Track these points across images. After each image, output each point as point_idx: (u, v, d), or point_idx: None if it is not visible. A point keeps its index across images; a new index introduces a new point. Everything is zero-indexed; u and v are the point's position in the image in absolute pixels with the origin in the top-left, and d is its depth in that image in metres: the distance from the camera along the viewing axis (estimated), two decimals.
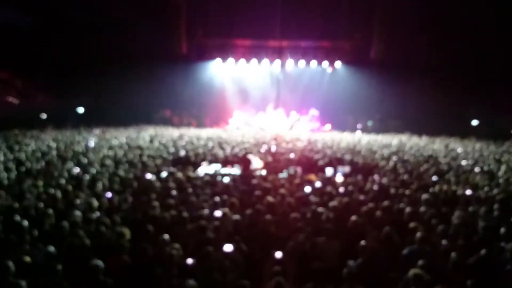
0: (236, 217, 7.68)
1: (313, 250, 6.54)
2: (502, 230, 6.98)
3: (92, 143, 17.30)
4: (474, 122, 27.98)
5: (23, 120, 22.39)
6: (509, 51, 24.79)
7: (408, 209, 8.23)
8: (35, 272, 5.39)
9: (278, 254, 6.38)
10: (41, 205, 7.93)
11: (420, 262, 5.69)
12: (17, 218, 6.87)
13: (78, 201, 8.33)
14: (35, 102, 27.37)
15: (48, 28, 26.81)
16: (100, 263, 5.44)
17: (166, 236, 6.49)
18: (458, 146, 20.25)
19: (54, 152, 14.29)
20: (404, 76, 26.94)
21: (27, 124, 21.79)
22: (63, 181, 9.84)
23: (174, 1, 29.60)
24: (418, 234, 6.57)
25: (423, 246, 6.42)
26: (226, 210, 8.14)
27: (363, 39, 30.07)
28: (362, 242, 6.53)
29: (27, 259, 5.51)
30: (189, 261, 6.03)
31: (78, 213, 7.50)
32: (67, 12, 25.84)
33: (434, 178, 11.91)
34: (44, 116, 26.94)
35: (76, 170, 11.54)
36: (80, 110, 28.87)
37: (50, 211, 7.37)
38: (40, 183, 9.57)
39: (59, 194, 8.68)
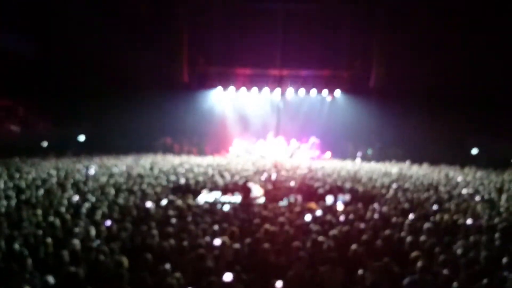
0: (236, 245, 7.62)
1: (315, 279, 6.47)
2: (504, 259, 6.94)
3: (92, 171, 17.29)
4: (474, 151, 28.01)
5: (24, 148, 22.43)
6: (509, 79, 25.01)
7: (408, 238, 8.18)
8: None
9: (278, 284, 6.32)
10: (40, 233, 7.88)
11: None
12: (16, 246, 6.83)
13: (77, 230, 8.29)
14: (36, 130, 27.46)
15: (49, 56, 27.11)
16: None
17: (167, 266, 6.42)
18: (458, 175, 20.23)
19: (54, 180, 14.27)
20: (403, 105, 27.14)
21: (28, 152, 21.81)
22: (62, 209, 9.80)
23: (176, 29, 30.04)
24: (419, 264, 6.52)
25: (424, 276, 6.36)
26: (226, 238, 8.09)
27: (362, 68, 30.41)
28: (362, 272, 6.48)
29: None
30: None
31: (76, 241, 7.46)
32: (69, 39, 26.13)
33: (435, 207, 11.87)
34: (45, 144, 27.00)
35: (76, 198, 11.51)
36: (81, 138, 28.95)
37: (49, 239, 7.33)
38: (39, 211, 9.53)
39: (58, 222, 8.64)
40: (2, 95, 26.98)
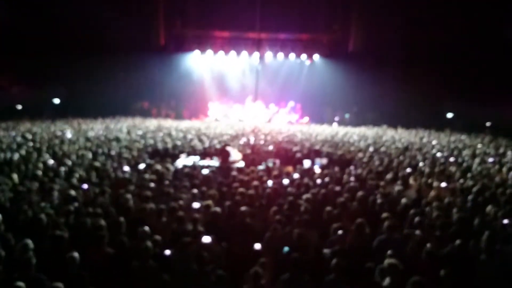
0: (215, 209, 7.70)
1: (291, 240, 6.61)
2: (476, 221, 7.18)
3: (68, 135, 17.06)
4: (449, 115, 28.51)
5: None
6: (485, 45, 25.26)
7: (382, 200, 8.38)
8: (10, 265, 5.33)
9: (257, 246, 6.44)
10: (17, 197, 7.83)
11: (393, 251, 5.80)
12: None
13: (54, 193, 8.25)
14: (10, 93, 26.78)
15: (23, 19, 26.18)
16: (76, 255, 5.42)
17: (146, 228, 6.47)
18: (433, 138, 20.64)
19: (30, 144, 14.05)
20: (380, 69, 27.32)
21: (2, 115, 21.33)
22: (39, 173, 9.71)
23: None
24: (386, 223, 6.68)
25: (392, 235, 6.54)
26: (205, 201, 8.16)
27: (341, 32, 30.28)
28: (337, 232, 6.66)
29: (2, 252, 5.44)
30: (167, 252, 6.06)
31: (54, 204, 7.44)
32: (44, 3, 25.25)
33: (409, 169, 12.12)
34: (19, 107, 26.43)
35: (52, 162, 11.38)
36: (56, 101, 28.40)
37: (25, 205, 7.29)
38: (15, 175, 9.42)
39: (35, 185, 8.56)
40: None
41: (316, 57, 31.47)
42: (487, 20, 24.95)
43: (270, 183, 10.07)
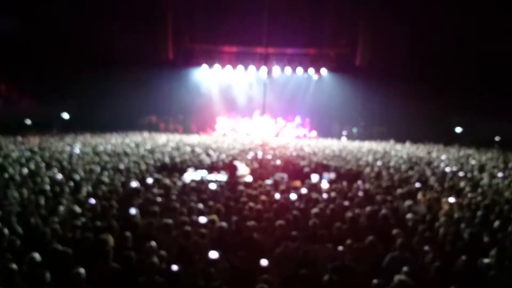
0: (222, 223, 7.66)
1: (303, 257, 6.51)
2: (485, 236, 7.08)
3: (77, 150, 17.14)
4: (458, 129, 28.34)
5: (7, 125, 22.08)
6: (491, 59, 25.20)
7: (391, 216, 8.30)
8: (22, 280, 5.31)
9: (264, 262, 6.37)
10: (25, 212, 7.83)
11: (404, 268, 5.73)
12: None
13: (61, 208, 8.25)
14: (19, 107, 27.01)
15: (33, 33, 26.57)
16: (82, 271, 5.39)
17: (152, 243, 6.44)
18: (442, 153, 20.49)
19: (38, 158, 14.11)
20: (388, 83, 27.24)
21: (11, 129, 21.46)
22: (47, 187, 9.73)
23: (161, 6, 29.56)
24: (399, 241, 6.61)
25: (405, 252, 6.47)
26: (212, 216, 8.12)
27: (348, 47, 30.35)
28: (344, 248, 6.59)
29: (14, 266, 5.41)
30: (174, 267, 6.01)
31: (61, 219, 7.43)
32: (53, 16, 25.61)
33: (418, 184, 12.02)
34: (28, 121, 26.62)
35: (60, 176, 11.41)
36: (65, 115, 28.62)
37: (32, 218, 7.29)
38: (24, 189, 9.44)
39: (42, 200, 8.57)
40: None
41: (324, 71, 31.51)
42: (496, 34, 24.92)
43: (278, 197, 10.02)
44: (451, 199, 10.05)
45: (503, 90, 24.94)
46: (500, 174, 13.90)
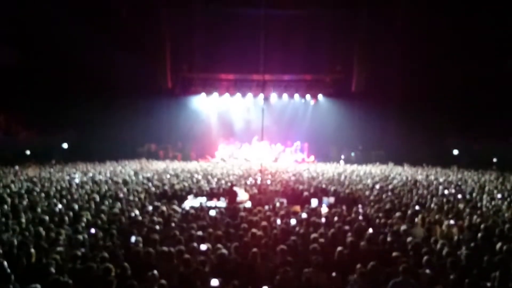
0: (222, 250, 7.66)
1: (306, 283, 6.50)
2: (486, 258, 7.08)
3: (76, 179, 17.16)
4: (455, 152, 28.45)
5: (6, 156, 22.10)
6: (488, 80, 25.50)
7: (392, 239, 8.31)
8: None
9: None
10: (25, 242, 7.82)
11: None
12: None
13: (61, 238, 8.24)
14: (18, 139, 27.08)
15: (32, 64, 26.87)
16: None
17: (154, 272, 6.43)
18: (440, 176, 20.54)
19: (38, 189, 14.12)
20: (384, 107, 27.54)
21: (10, 160, 21.48)
22: (46, 218, 9.72)
23: (159, 35, 30.01)
24: (402, 265, 6.61)
25: (407, 277, 6.46)
26: (212, 243, 8.12)
27: (343, 72, 30.73)
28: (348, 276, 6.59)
29: None
30: None
31: (62, 249, 7.42)
32: (51, 47, 25.98)
33: (417, 207, 12.04)
34: (28, 152, 26.66)
35: (60, 206, 11.42)
36: (65, 145, 28.70)
37: (32, 249, 7.28)
38: (23, 220, 9.43)
39: (42, 231, 8.56)
40: None
41: (320, 97, 31.92)
42: (490, 55, 25.27)
43: (278, 222, 10.03)
44: (451, 221, 10.07)
45: (499, 111, 25.17)
46: (499, 195, 13.93)
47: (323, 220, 10.37)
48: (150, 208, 11.92)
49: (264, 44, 22.53)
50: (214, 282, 6.28)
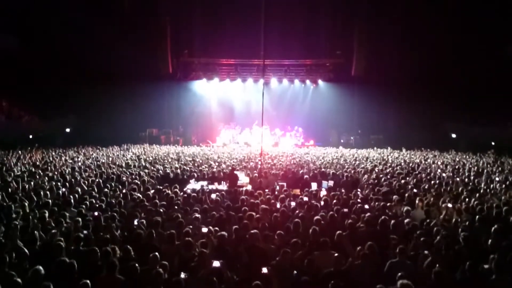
0: (223, 232, 7.78)
1: (307, 264, 6.59)
2: (484, 240, 7.19)
3: (79, 162, 17.28)
4: (453, 135, 28.52)
5: (9, 141, 22.14)
6: (487, 64, 25.43)
7: (390, 221, 8.43)
8: None
9: (265, 270, 6.44)
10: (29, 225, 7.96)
11: (404, 273, 5.81)
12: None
13: (65, 220, 8.37)
14: (21, 123, 27.15)
15: (34, 49, 26.83)
16: (87, 283, 5.50)
17: (156, 254, 6.56)
18: (438, 159, 20.65)
19: (41, 172, 14.24)
20: (383, 92, 27.54)
21: (13, 144, 21.52)
22: (50, 201, 9.85)
23: (160, 21, 29.87)
24: (399, 247, 6.74)
25: (404, 258, 6.60)
26: (213, 226, 8.25)
27: (343, 57, 30.62)
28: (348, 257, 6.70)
29: (18, 280, 5.52)
30: (177, 278, 6.11)
31: (65, 232, 7.55)
32: (53, 32, 25.93)
33: (415, 190, 12.16)
34: (30, 136, 26.72)
35: (63, 189, 11.55)
36: (67, 130, 28.81)
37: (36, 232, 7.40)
38: (27, 203, 9.55)
39: (46, 213, 8.68)
40: None
41: (320, 81, 31.91)
42: (489, 39, 25.18)
43: (278, 205, 10.17)
44: (449, 204, 10.18)
45: (498, 95, 25.15)
46: (497, 178, 14.05)
47: (322, 203, 10.48)
48: (152, 191, 12.05)
49: (264, 29, 22.46)
50: (215, 263, 6.37)
